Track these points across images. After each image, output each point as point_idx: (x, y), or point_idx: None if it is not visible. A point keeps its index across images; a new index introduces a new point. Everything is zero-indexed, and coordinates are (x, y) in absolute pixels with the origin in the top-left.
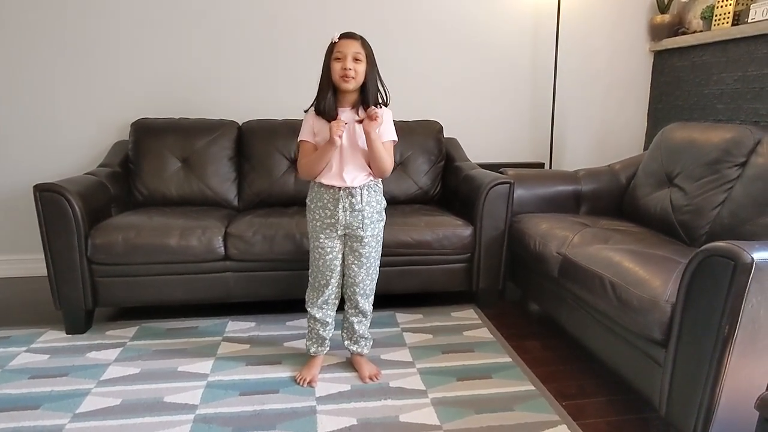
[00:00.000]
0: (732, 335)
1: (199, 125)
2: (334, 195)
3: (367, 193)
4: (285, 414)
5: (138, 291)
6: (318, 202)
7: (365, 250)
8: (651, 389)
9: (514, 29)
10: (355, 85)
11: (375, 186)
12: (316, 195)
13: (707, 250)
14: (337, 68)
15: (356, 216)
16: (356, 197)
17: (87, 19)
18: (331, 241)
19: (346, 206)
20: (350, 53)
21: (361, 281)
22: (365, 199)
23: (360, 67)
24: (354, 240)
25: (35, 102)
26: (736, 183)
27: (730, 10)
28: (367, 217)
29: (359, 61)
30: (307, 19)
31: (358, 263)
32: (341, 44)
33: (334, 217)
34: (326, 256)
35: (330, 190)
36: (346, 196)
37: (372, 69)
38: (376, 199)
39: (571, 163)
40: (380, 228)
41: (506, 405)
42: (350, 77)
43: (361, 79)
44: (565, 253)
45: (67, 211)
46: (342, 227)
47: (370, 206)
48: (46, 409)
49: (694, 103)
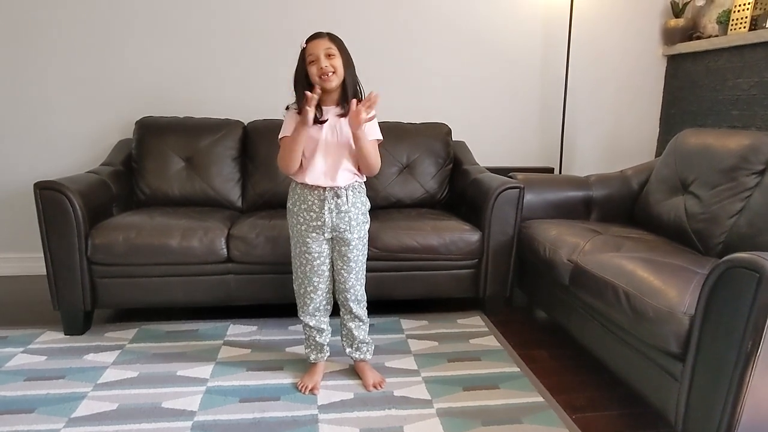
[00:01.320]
0: (756, 351)
1: (204, 124)
2: (319, 196)
3: (352, 193)
4: (286, 422)
5: (138, 292)
6: (302, 204)
7: (353, 254)
8: (666, 404)
9: (526, 32)
10: (338, 81)
11: (360, 187)
12: (300, 197)
13: (730, 261)
14: (314, 71)
15: (342, 217)
16: (342, 198)
17: (93, 16)
18: (319, 246)
19: (332, 207)
20: (321, 52)
21: (351, 287)
22: (351, 200)
23: (335, 62)
24: (342, 244)
25: (38, 99)
26: (754, 191)
27: (748, 15)
28: (354, 219)
29: (333, 57)
30: (315, 20)
31: (347, 268)
32: (310, 47)
33: (320, 219)
34: (314, 261)
35: (315, 191)
36: (332, 196)
37: (348, 61)
38: (361, 200)
39: (581, 168)
40: (365, 230)
41: (514, 417)
42: (329, 74)
43: (340, 72)
44: (576, 260)
45: (68, 210)
46: (329, 230)
47: (356, 207)
48: (41, 413)
49: (708, 108)
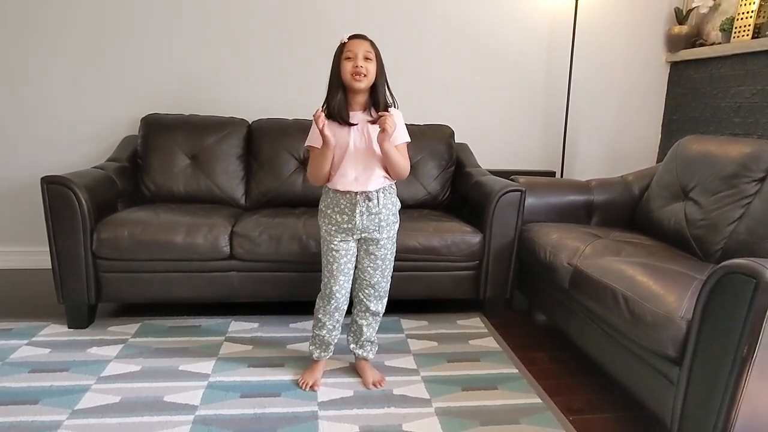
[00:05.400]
0: (751, 356)
1: (209, 122)
2: (351, 200)
3: (383, 195)
4: (286, 418)
5: (142, 287)
6: (335, 207)
7: (381, 252)
8: (663, 408)
9: (530, 36)
10: (367, 84)
11: (390, 188)
12: (332, 200)
13: (727, 267)
14: (348, 67)
15: (373, 219)
16: (373, 201)
17: (100, 12)
18: (347, 244)
19: (363, 210)
20: (361, 52)
21: (377, 283)
22: (382, 202)
23: (370, 66)
24: (370, 243)
25: (45, 95)
26: (754, 199)
27: (751, 23)
28: (384, 220)
29: (369, 60)
30: (320, 19)
31: (374, 265)
32: (351, 44)
33: (351, 222)
34: (341, 260)
35: (346, 195)
36: (363, 200)
37: (381, 70)
38: (391, 201)
39: (583, 172)
40: (395, 230)
41: (512, 417)
42: (362, 75)
43: (372, 78)
44: (576, 264)
45: (74, 205)
46: (359, 231)
47: (387, 209)
48: (44, 404)
49: (710, 115)
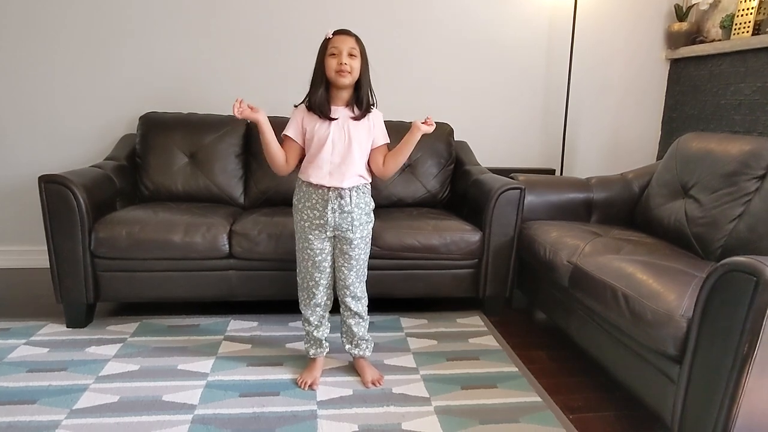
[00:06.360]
0: (751, 354)
1: (208, 121)
2: (323, 195)
3: (356, 194)
4: (285, 417)
5: (140, 286)
6: (306, 202)
7: (354, 252)
8: (663, 406)
9: (529, 33)
10: (351, 81)
11: (364, 187)
12: (304, 195)
13: (728, 265)
14: (333, 64)
15: (345, 218)
16: (345, 198)
17: (98, 11)
18: (321, 243)
19: (335, 207)
20: (345, 48)
21: (351, 284)
22: (354, 201)
23: (355, 63)
24: (343, 242)
25: (43, 93)
26: (754, 196)
27: (751, 20)
28: (356, 219)
29: (354, 57)
30: (317, 19)
31: (348, 266)
32: (336, 40)
33: (323, 218)
34: (315, 258)
35: (319, 190)
36: (335, 197)
37: (366, 67)
38: (364, 201)
39: (582, 170)
40: (369, 230)
41: (511, 416)
42: (346, 72)
43: (356, 74)
44: (576, 262)
45: (72, 204)
46: (331, 228)
47: (359, 208)
48: (43, 403)
49: (710, 113)
